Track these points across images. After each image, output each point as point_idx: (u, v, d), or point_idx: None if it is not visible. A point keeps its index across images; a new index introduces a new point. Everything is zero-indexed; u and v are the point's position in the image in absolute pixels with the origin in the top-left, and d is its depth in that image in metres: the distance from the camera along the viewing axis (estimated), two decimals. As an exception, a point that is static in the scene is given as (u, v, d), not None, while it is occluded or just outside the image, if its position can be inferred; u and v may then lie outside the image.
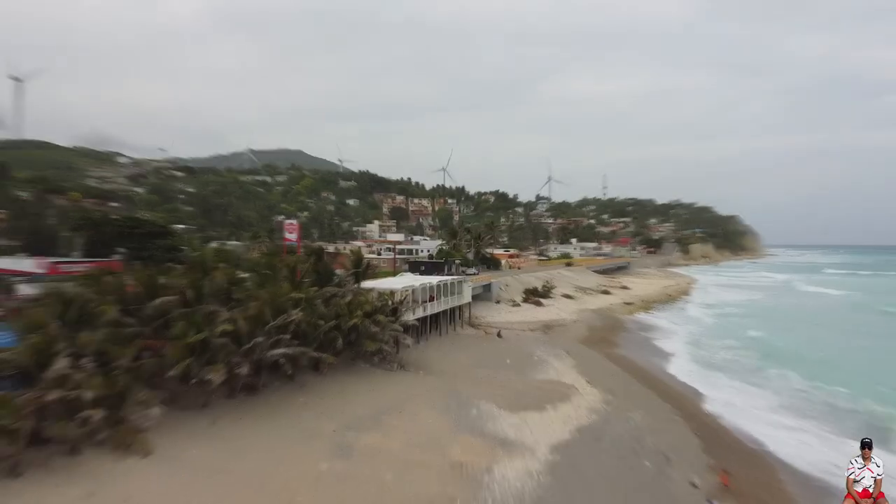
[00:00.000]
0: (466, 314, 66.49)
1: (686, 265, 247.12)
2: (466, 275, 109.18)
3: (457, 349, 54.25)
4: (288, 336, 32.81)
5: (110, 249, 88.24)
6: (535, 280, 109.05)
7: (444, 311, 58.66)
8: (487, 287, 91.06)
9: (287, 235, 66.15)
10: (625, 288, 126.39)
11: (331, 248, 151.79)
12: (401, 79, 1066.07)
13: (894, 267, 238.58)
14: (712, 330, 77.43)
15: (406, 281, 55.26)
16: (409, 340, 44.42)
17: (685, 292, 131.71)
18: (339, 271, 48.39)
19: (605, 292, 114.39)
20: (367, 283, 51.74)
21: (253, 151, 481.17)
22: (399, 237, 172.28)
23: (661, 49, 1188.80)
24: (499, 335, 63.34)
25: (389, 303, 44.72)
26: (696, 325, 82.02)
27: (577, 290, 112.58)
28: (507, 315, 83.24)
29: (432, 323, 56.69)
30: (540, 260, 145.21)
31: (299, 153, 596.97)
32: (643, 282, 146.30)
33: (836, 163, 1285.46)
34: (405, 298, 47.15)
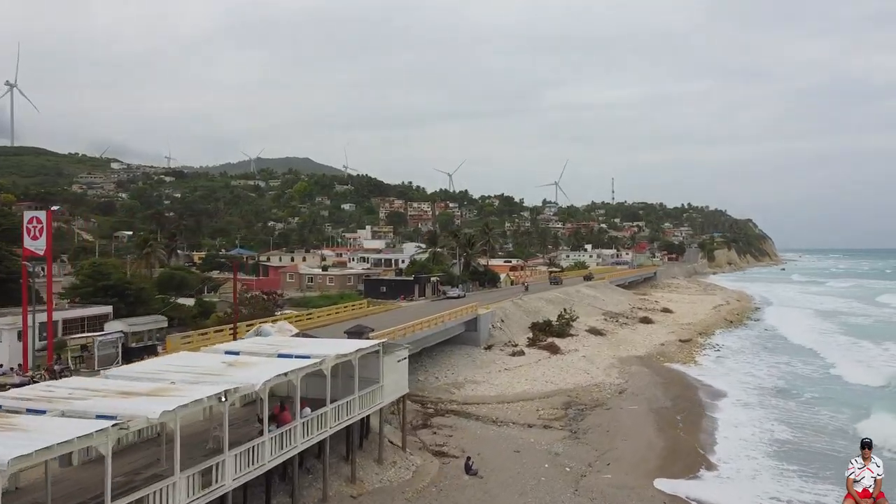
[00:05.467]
0: (397, 420, 28.66)
1: (714, 273, 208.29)
2: (448, 297, 72.09)
3: None
4: None
5: None
6: (548, 305, 71.56)
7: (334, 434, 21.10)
8: (472, 323, 53.83)
9: (27, 244, 29.35)
10: (667, 311, 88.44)
11: (286, 260, 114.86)
12: (409, 86, 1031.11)
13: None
14: None
15: (211, 375, 17.71)
16: None
17: (741, 316, 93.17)
18: None
19: (646, 320, 76.61)
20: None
21: (261, 160, 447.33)
22: (379, 244, 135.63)
23: (666, 54, 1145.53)
24: (468, 469, 26.02)
25: None
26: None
27: (606, 317, 75.00)
28: (499, 378, 45.89)
29: (286, 471, 19.58)
30: (552, 272, 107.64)
31: (307, 161, 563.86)
32: (683, 299, 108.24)
33: (840, 166, 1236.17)
34: None
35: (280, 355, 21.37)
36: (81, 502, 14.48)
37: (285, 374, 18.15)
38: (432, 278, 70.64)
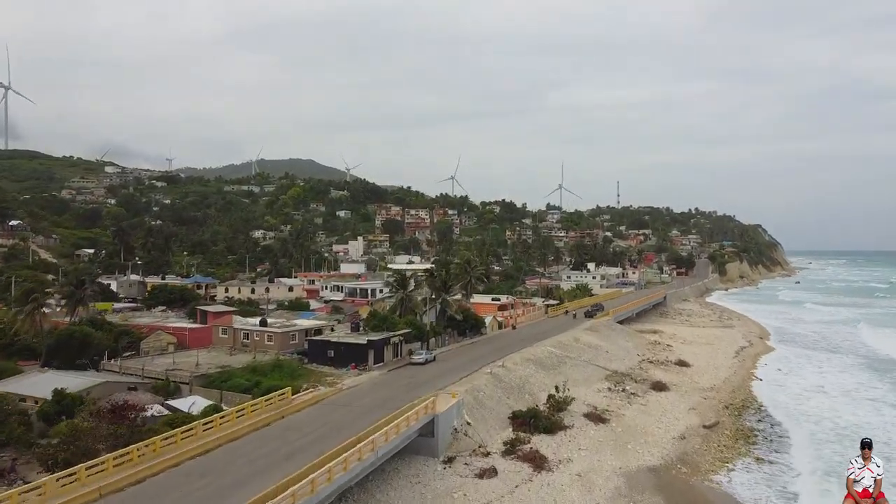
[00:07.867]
0: None
1: (725, 289, 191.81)
2: (413, 363, 56.89)
3: None
4: None
5: None
6: (537, 371, 56.31)
7: None
8: (428, 427, 38.75)
9: None
10: (682, 364, 72.83)
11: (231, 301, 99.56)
12: (410, 87, 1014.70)
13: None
14: None
15: None
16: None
17: (769, 367, 78.12)
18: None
19: (659, 386, 61.00)
20: None
21: (264, 161, 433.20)
22: (358, 268, 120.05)
23: (669, 57, 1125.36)
24: None
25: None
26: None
27: (610, 384, 59.55)
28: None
29: None
30: (549, 307, 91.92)
31: (310, 162, 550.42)
32: (698, 337, 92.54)
33: (844, 166, 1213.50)
34: None
35: None
36: None
37: None
38: (393, 339, 55.40)
